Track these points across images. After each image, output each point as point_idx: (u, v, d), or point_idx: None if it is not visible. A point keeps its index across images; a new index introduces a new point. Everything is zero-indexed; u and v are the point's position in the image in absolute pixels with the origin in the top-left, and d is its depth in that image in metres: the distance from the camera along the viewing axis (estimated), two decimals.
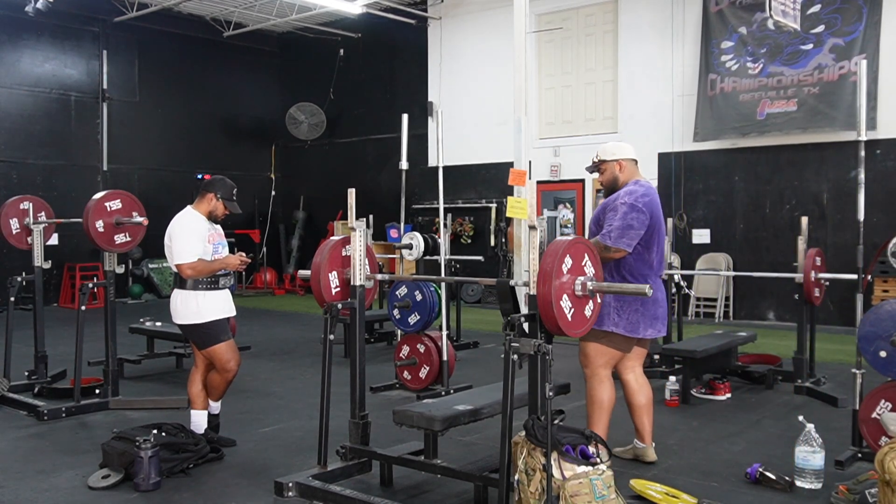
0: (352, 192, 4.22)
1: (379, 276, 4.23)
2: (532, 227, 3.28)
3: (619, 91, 11.92)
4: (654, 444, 4.40)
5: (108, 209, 5.55)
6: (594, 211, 4.51)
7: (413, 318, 6.23)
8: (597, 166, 4.33)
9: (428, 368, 6.11)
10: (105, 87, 13.42)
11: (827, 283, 6.41)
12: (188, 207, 4.72)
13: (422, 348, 6.14)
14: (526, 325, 3.28)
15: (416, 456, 4.04)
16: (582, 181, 12.12)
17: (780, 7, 7.37)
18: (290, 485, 3.84)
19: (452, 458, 4.18)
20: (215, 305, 4.59)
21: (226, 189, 4.72)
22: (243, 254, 4.74)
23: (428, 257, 6.90)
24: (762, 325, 10.10)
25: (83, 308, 5.57)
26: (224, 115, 15.21)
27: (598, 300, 3.40)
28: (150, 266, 13.56)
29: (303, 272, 4.45)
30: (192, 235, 4.53)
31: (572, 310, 3.24)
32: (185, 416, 4.76)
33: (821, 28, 9.99)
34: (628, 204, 4.06)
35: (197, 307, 4.53)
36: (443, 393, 5.84)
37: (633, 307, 4.08)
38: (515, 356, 3.19)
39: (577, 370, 4.41)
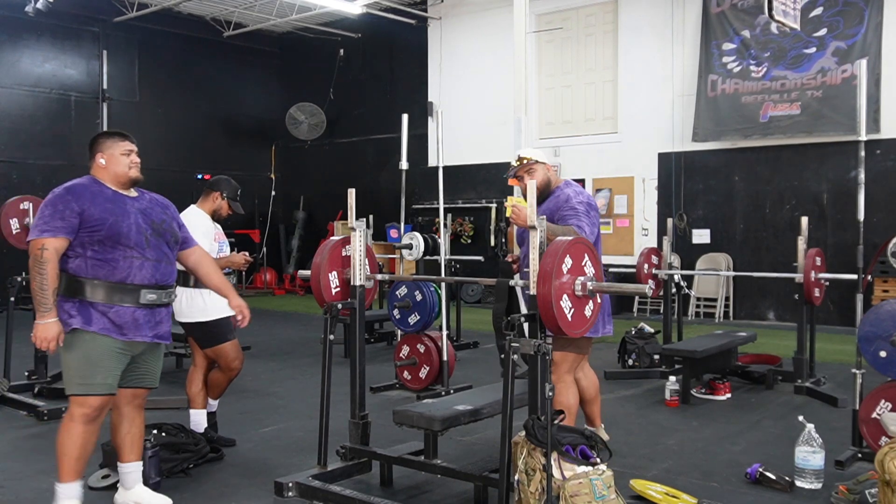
0: (352, 192, 4.22)
1: (379, 276, 4.23)
2: (532, 227, 3.27)
3: (619, 91, 11.92)
4: (602, 426, 4.48)
5: None
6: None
7: (413, 318, 6.23)
8: (526, 168, 4.26)
9: (428, 368, 6.11)
10: (105, 87, 13.33)
11: (827, 283, 6.41)
12: (192, 206, 4.74)
13: (422, 348, 6.14)
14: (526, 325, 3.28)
15: (416, 456, 4.04)
16: (582, 181, 12.11)
17: (781, 7, 7.35)
18: (290, 485, 3.84)
19: (452, 458, 4.19)
20: (220, 304, 4.57)
21: (231, 188, 4.76)
22: (246, 253, 4.77)
23: (428, 257, 6.90)
24: (762, 325, 10.10)
25: None
26: (224, 115, 15.22)
27: (598, 300, 3.40)
28: None
29: (303, 272, 4.45)
30: (200, 233, 4.54)
31: (572, 310, 3.24)
32: (185, 416, 4.76)
33: (823, 31, 9.99)
34: (586, 203, 4.14)
35: (203, 305, 4.53)
36: (443, 393, 5.84)
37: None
38: (515, 356, 3.19)
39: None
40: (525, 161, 4.28)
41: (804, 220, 6.45)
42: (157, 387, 3.74)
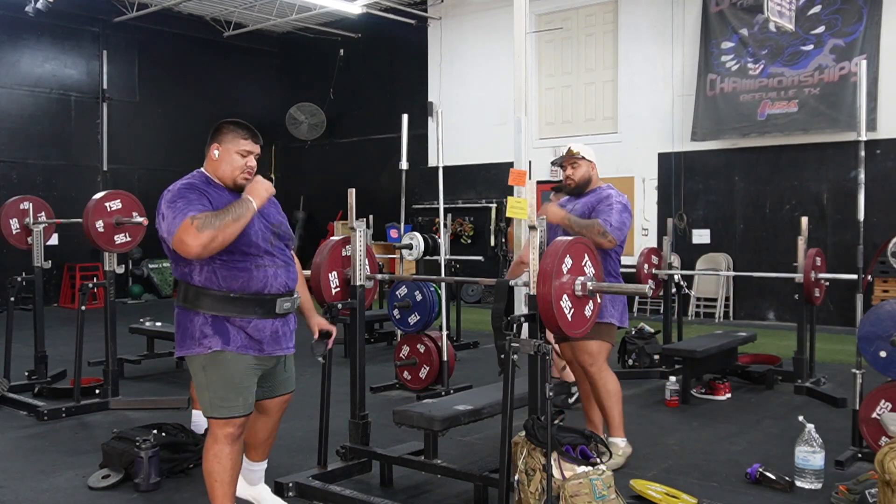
0: (352, 192, 4.22)
1: (379, 276, 4.23)
2: (532, 228, 3.28)
3: (619, 91, 11.92)
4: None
5: (108, 209, 5.54)
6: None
7: (413, 318, 6.23)
8: (572, 161, 4.41)
9: (428, 368, 6.11)
10: (105, 87, 13.41)
11: (827, 283, 6.41)
12: None
13: (422, 348, 6.13)
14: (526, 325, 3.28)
15: (416, 456, 4.04)
16: None
17: (777, 8, 7.37)
18: (290, 485, 3.84)
19: (452, 458, 4.19)
20: None
21: None
22: None
23: (428, 257, 6.90)
24: (762, 325, 10.10)
25: (83, 308, 5.57)
26: (224, 115, 14.84)
27: (598, 300, 3.40)
28: (150, 266, 13.55)
29: (303, 272, 4.45)
30: None
31: (572, 310, 3.24)
32: (185, 416, 4.76)
33: (821, 29, 10.00)
34: (623, 204, 4.28)
35: None
36: (443, 393, 5.84)
37: (620, 299, 4.34)
38: (515, 356, 3.19)
39: None
40: (573, 153, 4.41)
41: (804, 220, 6.45)
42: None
